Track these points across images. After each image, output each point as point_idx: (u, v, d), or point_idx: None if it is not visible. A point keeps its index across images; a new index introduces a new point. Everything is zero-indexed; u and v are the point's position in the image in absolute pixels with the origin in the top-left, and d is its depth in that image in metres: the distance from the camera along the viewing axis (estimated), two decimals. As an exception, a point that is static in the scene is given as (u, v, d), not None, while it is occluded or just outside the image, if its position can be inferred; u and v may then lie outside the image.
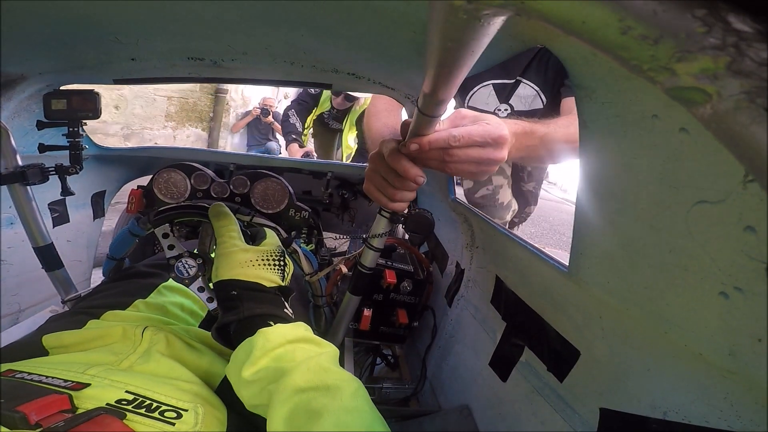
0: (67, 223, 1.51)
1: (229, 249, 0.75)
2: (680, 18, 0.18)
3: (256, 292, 0.71)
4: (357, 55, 0.91)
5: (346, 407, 0.52)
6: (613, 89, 0.52)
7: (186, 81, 1.19)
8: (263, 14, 0.70)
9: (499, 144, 0.73)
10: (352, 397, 0.54)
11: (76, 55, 0.94)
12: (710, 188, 0.43)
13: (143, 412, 0.50)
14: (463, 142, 0.70)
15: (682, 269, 0.49)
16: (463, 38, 0.33)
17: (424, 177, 0.77)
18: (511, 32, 0.60)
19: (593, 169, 0.62)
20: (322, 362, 0.60)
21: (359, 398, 0.55)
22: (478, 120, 0.74)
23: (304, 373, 0.57)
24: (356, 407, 0.53)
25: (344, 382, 0.57)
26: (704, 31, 0.18)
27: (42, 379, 0.51)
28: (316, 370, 0.57)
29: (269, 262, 0.76)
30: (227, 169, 1.76)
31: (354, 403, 0.53)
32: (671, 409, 0.56)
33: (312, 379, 0.56)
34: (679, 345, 0.53)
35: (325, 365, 0.59)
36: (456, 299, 1.32)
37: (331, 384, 0.55)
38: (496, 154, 0.73)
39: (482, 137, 0.71)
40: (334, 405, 0.51)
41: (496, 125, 0.73)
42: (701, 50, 0.18)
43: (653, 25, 0.19)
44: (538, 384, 0.84)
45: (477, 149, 0.72)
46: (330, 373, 0.58)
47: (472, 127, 0.71)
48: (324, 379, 0.56)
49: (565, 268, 0.74)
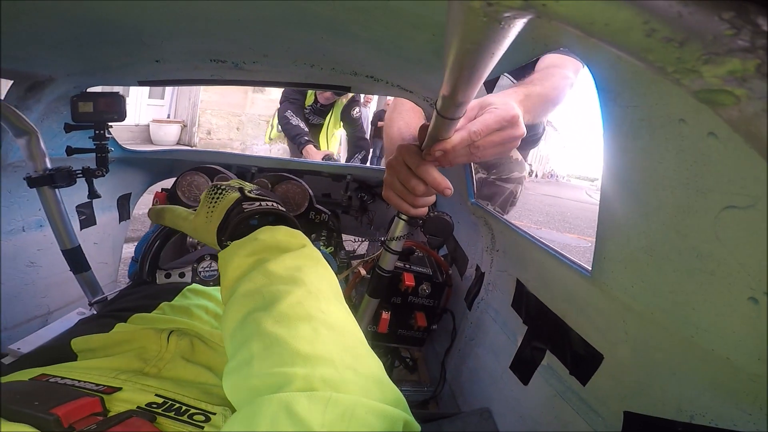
0: (94, 226, 1.55)
1: (192, 225, 0.71)
2: (707, 20, 0.18)
3: (227, 225, 0.66)
4: (376, 58, 0.92)
5: (276, 321, 0.47)
6: (638, 93, 0.51)
7: (208, 83, 1.20)
8: (284, 17, 0.71)
9: (514, 122, 0.73)
10: (288, 308, 0.48)
11: (102, 56, 0.97)
12: (739, 193, 0.42)
13: (173, 415, 0.51)
14: (483, 133, 0.71)
15: (709, 274, 0.48)
16: (482, 40, 0.33)
17: (451, 188, 0.77)
18: (534, 35, 0.60)
19: (617, 172, 0.61)
20: (270, 268, 0.55)
21: (297, 311, 0.48)
22: (485, 106, 0.74)
23: (247, 284, 0.54)
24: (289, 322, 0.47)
25: (288, 288, 0.51)
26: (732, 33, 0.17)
27: (75, 383, 0.53)
28: (259, 283, 0.53)
29: (212, 202, 0.68)
30: (249, 171, 1.78)
31: (286, 317, 0.47)
32: (698, 413, 0.55)
33: (251, 293, 0.52)
34: (706, 349, 0.52)
35: (273, 271, 0.54)
36: (476, 302, 1.31)
37: (268, 295, 0.51)
38: (515, 132, 0.74)
39: (498, 123, 0.72)
40: (262, 319, 0.47)
41: (504, 107, 0.73)
42: (729, 52, 0.18)
43: (679, 27, 0.19)
44: (560, 387, 0.83)
45: (497, 133, 0.73)
46: (272, 281, 0.53)
47: (485, 116, 0.72)
48: (263, 291, 0.52)
49: (588, 272, 0.73)
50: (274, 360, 0.43)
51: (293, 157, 3.25)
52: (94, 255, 1.54)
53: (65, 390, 0.50)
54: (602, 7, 0.21)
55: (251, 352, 0.45)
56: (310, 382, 0.40)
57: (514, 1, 0.24)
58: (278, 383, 0.41)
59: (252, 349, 0.45)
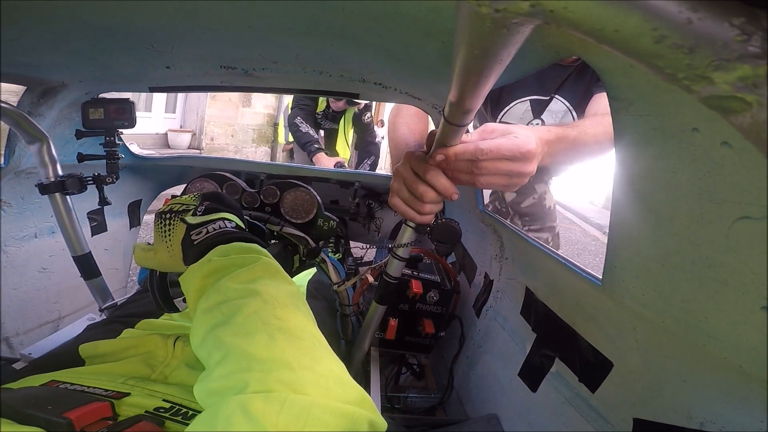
0: (105, 232, 1.56)
1: (161, 266, 0.72)
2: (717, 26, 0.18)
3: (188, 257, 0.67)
4: (385, 65, 0.92)
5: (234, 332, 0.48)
6: (651, 102, 0.51)
7: (218, 90, 1.21)
8: (294, 23, 0.72)
9: (527, 158, 0.72)
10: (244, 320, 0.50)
11: (113, 62, 0.98)
12: (754, 204, 0.42)
13: (180, 419, 0.51)
14: (491, 155, 0.70)
15: (721, 284, 0.48)
16: (489, 46, 0.33)
17: (458, 193, 0.77)
18: (544, 42, 0.60)
19: (629, 182, 0.60)
20: (224, 285, 0.55)
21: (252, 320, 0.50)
22: (507, 133, 0.73)
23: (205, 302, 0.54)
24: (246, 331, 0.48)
25: (244, 301, 0.52)
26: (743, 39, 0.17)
27: (84, 389, 0.53)
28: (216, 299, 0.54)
29: (166, 232, 0.70)
30: (258, 178, 1.78)
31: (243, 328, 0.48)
32: (708, 420, 0.54)
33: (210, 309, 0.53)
34: (718, 357, 0.51)
35: (227, 287, 0.55)
36: (484, 310, 1.31)
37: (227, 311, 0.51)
38: (525, 168, 0.73)
39: (510, 151, 0.70)
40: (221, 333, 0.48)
41: (524, 139, 0.72)
42: (740, 59, 0.18)
43: (688, 33, 0.18)
44: (569, 394, 0.82)
45: (506, 162, 0.71)
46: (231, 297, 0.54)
47: (500, 140, 0.71)
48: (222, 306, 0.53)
49: (599, 281, 0.73)
50: (231, 366, 0.45)
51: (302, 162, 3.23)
52: (104, 261, 1.56)
53: (76, 395, 0.51)
54: (611, 14, 0.21)
55: (214, 361, 0.47)
56: (267, 384, 0.41)
57: (522, 7, 0.24)
58: (236, 387, 0.42)
59: (214, 358, 0.47)
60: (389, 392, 1.43)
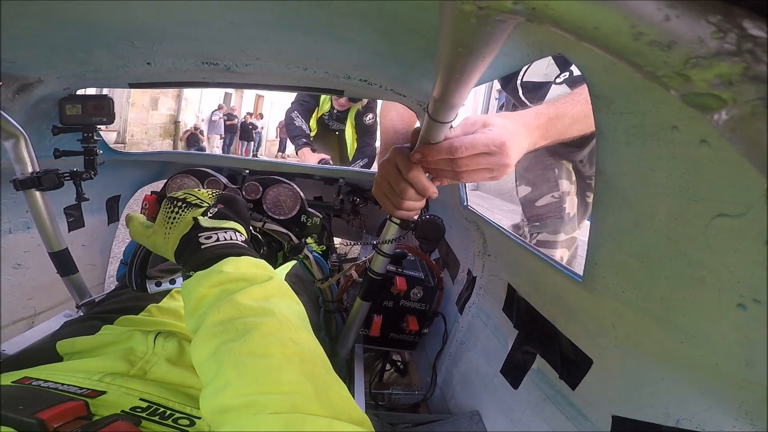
0: (82, 228, 1.53)
1: (152, 245, 0.72)
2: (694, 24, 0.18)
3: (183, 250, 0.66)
4: (370, 62, 0.92)
5: (250, 351, 0.48)
6: (631, 100, 0.51)
7: (199, 86, 1.20)
8: (277, 20, 0.71)
9: (503, 151, 0.72)
10: (261, 338, 0.50)
11: (92, 58, 0.96)
12: (731, 202, 0.43)
13: (157, 419, 0.50)
14: (467, 152, 0.70)
15: (699, 281, 0.49)
16: (473, 43, 0.33)
17: (437, 192, 0.77)
18: (528, 40, 0.60)
19: (610, 179, 0.61)
20: (238, 300, 0.55)
21: (269, 340, 0.50)
22: (486, 125, 0.73)
23: (216, 315, 0.53)
24: (263, 352, 0.48)
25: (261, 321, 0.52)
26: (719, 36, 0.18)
27: (58, 387, 0.52)
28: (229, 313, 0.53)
29: (170, 220, 0.69)
30: (240, 174, 1.77)
31: (260, 347, 0.49)
32: (685, 417, 0.55)
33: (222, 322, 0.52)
34: (694, 355, 0.52)
35: (242, 303, 0.54)
36: (467, 306, 1.31)
37: (242, 327, 0.51)
38: (502, 160, 0.73)
39: (485, 146, 0.71)
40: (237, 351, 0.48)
41: (498, 132, 0.72)
42: (716, 56, 0.18)
43: (666, 30, 0.19)
44: (549, 391, 0.83)
45: (484, 157, 0.72)
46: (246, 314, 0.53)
47: (474, 136, 0.71)
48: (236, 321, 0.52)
49: (579, 277, 0.74)
50: (249, 386, 0.45)
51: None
52: (82, 257, 1.53)
53: (49, 394, 0.50)
54: (591, 11, 0.21)
55: (226, 378, 0.46)
56: (285, 406, 0.42)
57: (504, 4, 0.24)
58: (255, 407, 0.43)
59: (227, 375, 0.46)
60: (373, 389, 1.43)
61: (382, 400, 1.44)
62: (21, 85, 1.08)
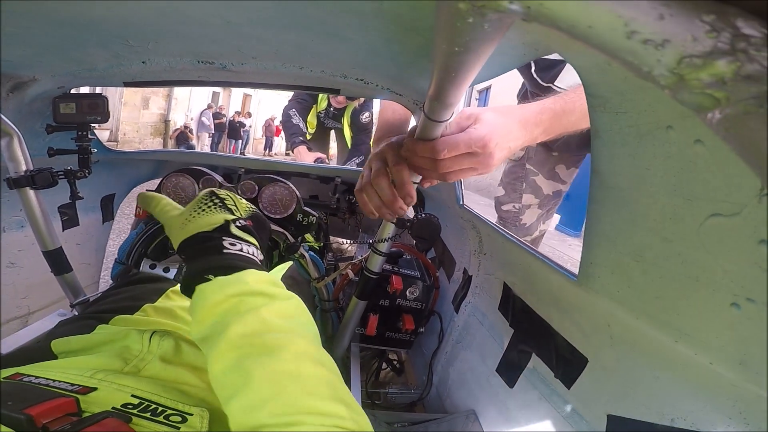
0: (77, 227, 1.52)
1: (168, 222, 0.72)
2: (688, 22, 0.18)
3: (196, 246, 0.66)
4: (366, 61, 0.92)
5: (285, 370, 0.49)
6: (627, 99, 0.52)
7: (195, 85, 1.19)
8: (273, 18, 0.71)
9: (485, 152, 0.70)
10: (294, 358, 0.50)
11: (87, 57, 0.95)
12: (725, 201, 0.43)
13: (148, 416, 0.50)
14: (448, 154, 0.69)
15: (693, 280, 0.49)
16: (469, 42, 0.33)
17: (413, 198, 0.75)
18: (524, 39, 0.60)
19: (605, 179, 0.61)
20: (264, 315, 0.55)
21: (302, 360, 0.51)
22: (477, 121, 0.72)
23: (241, 327, 0.53)
24: (298, 372, 0.49)
25: (290, 340, 0.53)
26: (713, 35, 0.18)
27: (49, 383, 0.52)
28: (255, 327, 0.54)
29: (201, 208, 0.70)
30: (236, 173, 1.76)
31: (294, 366, 0.49)
32: (679, 417, 0.55)
33: (249, 335, 0.53)
34: (688, 354, 0.52)
35: (269, 320, 0.55)
36: (463, 305, 1.31)
37: (272, 343, 0.52)
38: (486, 160, 0.72)
39: (467, 146, 0.69)
40: (270, 367, 0.49)
41: (483, 130, 0.70)
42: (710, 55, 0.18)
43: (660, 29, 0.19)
44: (545, 390, 0.83)
45: (467, 157, 0.71)
46: (273, 330, 0.54)
47: (458, 136, 0.70)
48: (264, 336, 0.53)
49: (575, 276, 0.74)
50: (289, 407, 0.46)
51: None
52: (76, 256, 1.52)
53: (39, 390, 0.49)
54: (585, 9, 0.21)
55: (262, 396, 0.47)
56: (322, 426, 0.44)
57: (500, 3, 0.24)
58: (295, 427, 0.44)
59: (263, 393, 0.47)
60: (370, 388, 1.43)
61: (379, 399, 1.44)
62: (15, 83, 1.07)
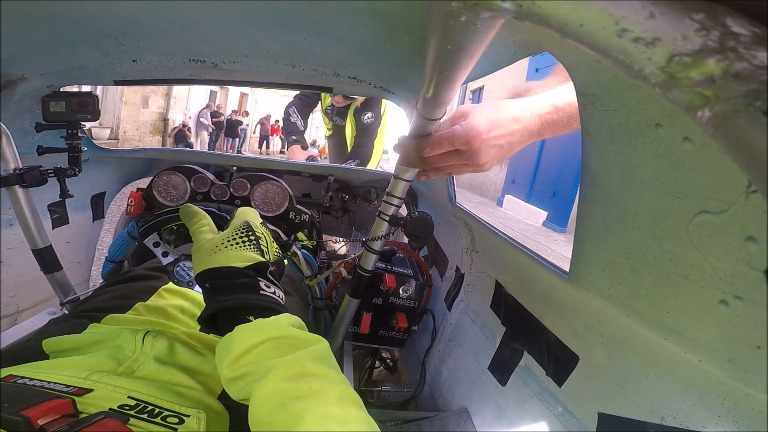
0: (67, 225, 1.51)
1: (198, 243, 0.72)
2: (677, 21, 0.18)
3: (226, 280, 0.67)
4: (358, 60, 0.92)
5: (331, 414, 0.49)
6: (617, 97, 0.52)
7: (186, 83, 1.19)
8: (265, 17, 0.70)
9: (470, 149, 0.69)
10: (336, 401, 0.52)
11: (77, 56, 0.95)
12: (713, 198, 0.43)
13: (145, 417, 0.50)
14: (431, 152, 0.69)
15: (683, 278, 0.49)
16: (461, 41, 0.33)
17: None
18: (515, 38, 0.60)
19: (595, 176, 0.61)
20: (302, 359, 0.56)
21: (344, 403, 0.52)
22: (464, 117, 0.70)
23: (284, 370, 0.54)
24: (344, 417, 0.50)
25: (329, 383, 0.54)
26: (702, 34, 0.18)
27: (44, 384, 0.51)
28: (297, 370, 0.54)
29: (235, 241, 0.71)
30: (227, 171, 1.75)
31: (339, 410, 0.51)
32: (669, 414, 0.56)
33: (293, 378, 0.53)
34: (678, 352, 0.53)
35: (308, 364, 0.56)
36: (456, 303, 1.32)
37: (315, 386, 0.52)
38: (473, 158, 0.71)
39: (450, 143, 0.68)
40: (318, 410, 0.49)
41: (468, 127, 0.68)
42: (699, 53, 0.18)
43: (650, 28, 0.19)
44: (537, 388, 0.84)
45: (454, 154, 0.70)
46: (313, 374, 0.55)
47: (441, 134, 0.69)
48: (307, 379, 0.53)
49: (566, 274, 0.74)
50: None
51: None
52: (66, 254, 1.51)
53: (35, 392, 0.49)
54: (576, 8, 0.21)
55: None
56: None
57: (492, 2, 0.24)
58: None
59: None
60: (363, 387, 1.43)
61: (372, 397, 1.44)
62: (4, 82, 1.06)
